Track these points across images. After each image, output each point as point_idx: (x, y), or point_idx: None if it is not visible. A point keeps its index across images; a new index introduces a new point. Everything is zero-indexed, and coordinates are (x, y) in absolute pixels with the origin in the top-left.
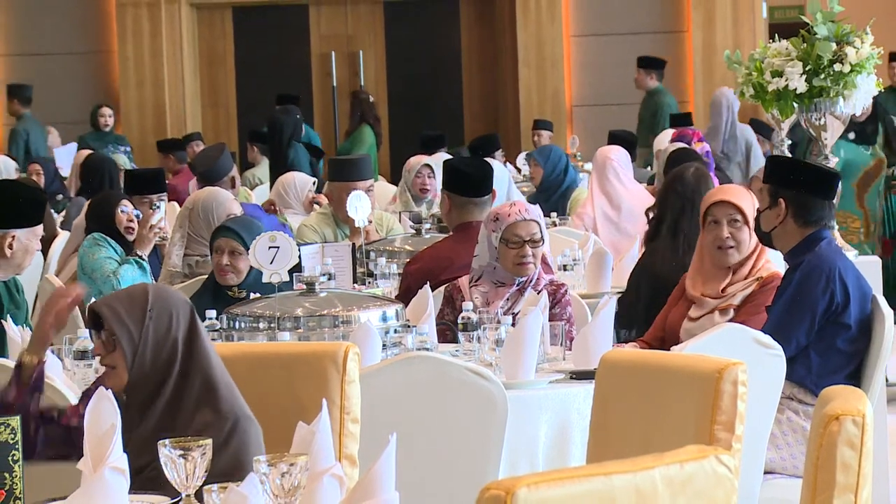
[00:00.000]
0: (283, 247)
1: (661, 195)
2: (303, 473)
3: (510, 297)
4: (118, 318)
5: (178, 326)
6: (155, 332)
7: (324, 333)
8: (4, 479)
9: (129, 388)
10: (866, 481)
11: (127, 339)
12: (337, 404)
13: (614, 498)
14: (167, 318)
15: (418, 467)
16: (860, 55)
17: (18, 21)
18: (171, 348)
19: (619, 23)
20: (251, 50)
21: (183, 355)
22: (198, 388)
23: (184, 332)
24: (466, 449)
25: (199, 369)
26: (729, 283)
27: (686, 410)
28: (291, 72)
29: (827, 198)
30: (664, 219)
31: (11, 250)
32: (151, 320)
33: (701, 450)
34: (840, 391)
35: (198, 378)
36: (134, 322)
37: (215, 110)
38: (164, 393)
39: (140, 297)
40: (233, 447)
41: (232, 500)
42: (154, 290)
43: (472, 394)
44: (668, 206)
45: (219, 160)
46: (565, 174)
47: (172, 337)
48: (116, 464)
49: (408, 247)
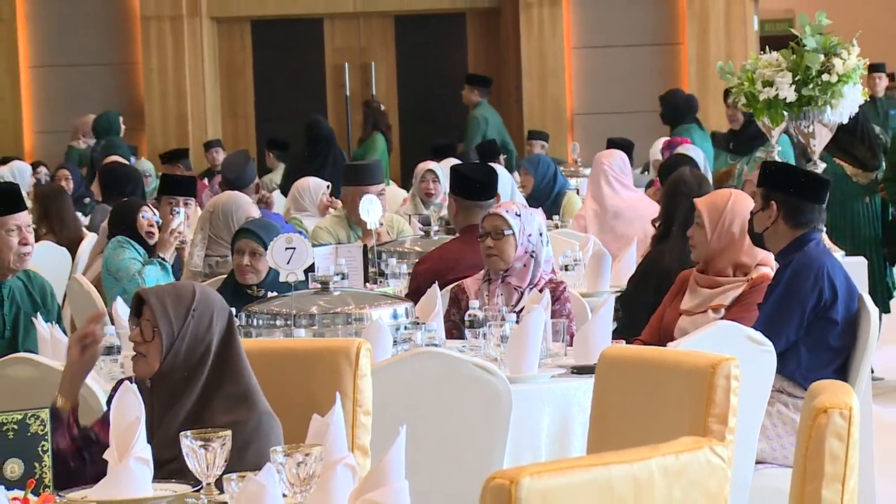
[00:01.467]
0: (298, 248)
1: (666, 199)
2: (317, 463)
3: (499, 291)
4: (164, 310)
5: (216, 329)
6: (194, 331)
7: (337, 330)
8: (34, 469)
9: (156, 378)
10: (853, 471)
11: (167, 332)
12: (350, 397)
13: (613, 487)
14: (207, 320)
15: (427, 457)
16: (847, 66)
17: (49, 34)
18: (204, 348)
19: (618, 36)
20: (269, 62)
21: (215, 356)
22: (227, 388)
23: (219, 335)
24: (472, 440)
25: (230, 371)
26: (722, 281)
27: (681, 403)
28: (307, 82)
29: (816, 201)
30: (674, 220)
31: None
32: (193, 319)
33: (696, 441)
34: (828, 385)
35: (227, 379)
36: (177, 318)
37: (235, 119)
38: (193, 390)
39: (187, 296)
40: (257, 444)
41: (250, 488)
42: (200, 292)
43: (478, 388)
44: (676, 206)
45: (246, 168)
46: (554, 181)
47: (208, 338)
48: (141, 454)
49: (417, 248)
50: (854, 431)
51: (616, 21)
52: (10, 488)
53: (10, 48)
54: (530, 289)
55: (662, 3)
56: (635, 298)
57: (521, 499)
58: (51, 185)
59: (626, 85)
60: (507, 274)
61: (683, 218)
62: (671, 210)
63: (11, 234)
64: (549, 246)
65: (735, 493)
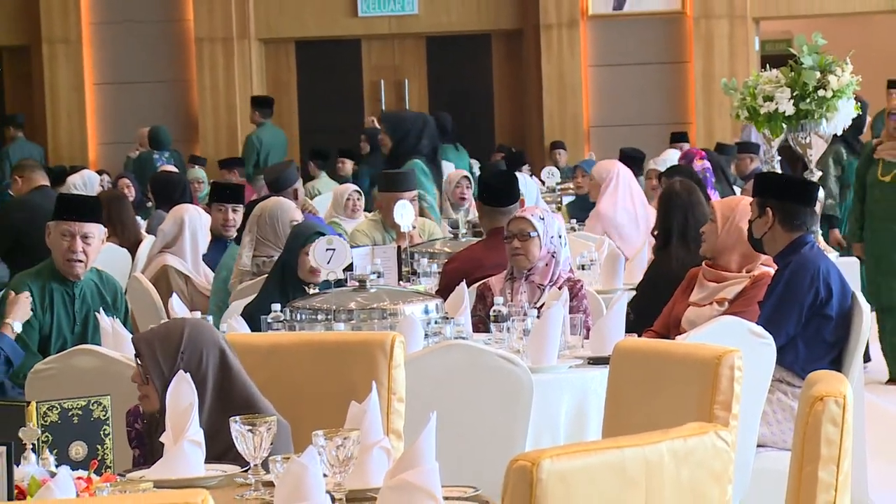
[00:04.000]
0: (338, 249)
1: (661, 213)
2: (355, 446)
3: (523, 288)
4: (153, 356)
5: (208, 364)
6: (185, 370)
7: (373, 324)
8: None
9: (161, 413)
10: (847, 454)
11: (158, 376)
12: (385, 386)
13: (626, 468)
14: (197, 358)
15: (455, 441)
16: (841, 82)
17: (112, 54)
18: (199, 385)
19: (630, 55)
20: (311, 79)
21: (214, 388)
22: (231, 413)
23: (214, 368)
24: (497, 425)
25: (233, 395)
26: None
27: (689, 392)
28: (346, 98)
29: (807, 204)
30: (671, 230)
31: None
32: (182, 361)
33: (702, 426)
34: (824, 375)
35: (231, 402)
36: (166, 361)
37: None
38: (200, 419)
39: (175, 338)
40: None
41: (294, 469)
42: (188, 332)
43: (502, 377)
44: (672, 218)
45: (285, 171)
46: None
47: (201, 374)
48: (194, 437)
49: (446, 249)
50: (848, 418)
51: (629, 41)
52: (75, 468)
53: (76, 67)
54: (550, 286)
55: (671, 25)
56: (644, 302)
57: (541, 479)
58: (112, 192)
59: (638, 100)
60: (530, 272)
61: (680, 227)
62: (667, 221)
63: (64, 238)
64: (566, 247)
65: (738, 473)
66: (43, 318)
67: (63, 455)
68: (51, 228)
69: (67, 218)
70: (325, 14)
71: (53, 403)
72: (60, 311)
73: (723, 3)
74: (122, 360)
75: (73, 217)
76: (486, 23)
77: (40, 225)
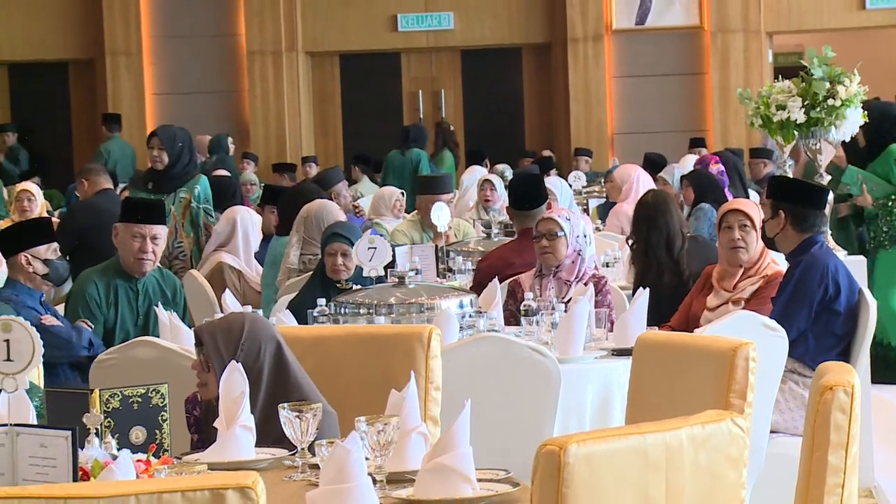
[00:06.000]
0: (379, 248)
1: (634, 224)
2: (395, 431)
3: (551, 284)
4: (215, 346)
5: (265, 357)
6: (244, 362)
7: (412, 318)
8: (156, 435)
9: (218, 401)
10: (855, 440)
11: (219, 365)
12: (423, 375)
13: (648, 452)
14: (256, 351)
15: (488, 427)
16: (849, 92)
17: (170, 66)
18: (256, 375)
19: (652, 66)
20: (354, 89)
21: (269, 379)
22: (288, 397)
23: (270, 361)
24: (527, 412)
25: (287, 385)
26: (740, 280)
27: (706, 381)
28: (387, 106)
29: (818, 207)
30: (648, 242)
31: None
32: (242, 352)
33: (719, 414)
34: (833, 366)
35: (286, 391)
36: (228, 352)
37: (325, 138)
38: (254, 408)
39: (237, 331)
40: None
41: (338, 452)
42: (249, 326)
43: (532, 367)
44: (649, 230)
45: (328, 172)
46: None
47: (258, 366)
48: (245, 423)
49: (480, 248)
50: (856, 406)
51: (650, 54)
52: (135, 451)
53: (137, 79)
54: (576, 282)
55: (690, 38)
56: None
57: (568, 463)
58: None
59: (658, 108)
60: (558, 269)
61: (657, 238)
62: (640, 233)
63: (135, 240)
64: (592, 245)
65: (752, 458)
66: (108, 313)
67: (124, 439)
68: (119, 230)
69: (138, 220)
70: (367, 29)
71: (115, 391)
72: (124, 306)
73: (738, 18)
74: (179, 351)
75: (142, 220)
76: (517, 37)
77: (104, 227)
